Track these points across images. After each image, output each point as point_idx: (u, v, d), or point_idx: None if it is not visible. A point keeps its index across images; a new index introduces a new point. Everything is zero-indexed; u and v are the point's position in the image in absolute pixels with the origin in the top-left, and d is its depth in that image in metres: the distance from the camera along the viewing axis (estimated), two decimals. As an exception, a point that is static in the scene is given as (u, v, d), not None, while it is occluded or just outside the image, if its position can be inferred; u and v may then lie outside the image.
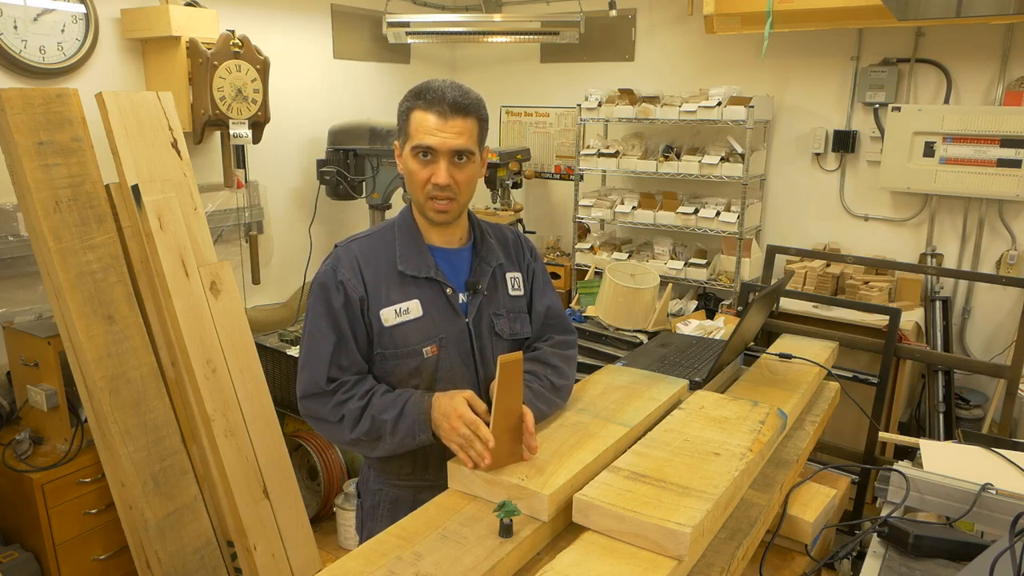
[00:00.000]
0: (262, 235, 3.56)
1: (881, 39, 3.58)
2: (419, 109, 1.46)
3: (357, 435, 1.47)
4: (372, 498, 1.66)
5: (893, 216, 3.73)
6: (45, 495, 2.43)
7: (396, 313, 1.51)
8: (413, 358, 1.52)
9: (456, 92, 1.46)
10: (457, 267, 1.59)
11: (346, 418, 1.47)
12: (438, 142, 1.44)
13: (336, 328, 1.50)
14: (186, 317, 2.50)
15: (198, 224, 2.65)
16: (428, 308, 1.53)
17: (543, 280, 1.74)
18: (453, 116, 1.44)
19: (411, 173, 1.49)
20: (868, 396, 2.48)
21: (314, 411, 1.51)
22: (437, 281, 1.54)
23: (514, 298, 1.64)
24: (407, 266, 1.53)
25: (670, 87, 4.10)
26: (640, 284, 3.20)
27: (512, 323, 1.63)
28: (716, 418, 1.60)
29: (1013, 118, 3.22)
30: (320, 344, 1.49)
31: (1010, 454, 1.64)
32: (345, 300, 1.50)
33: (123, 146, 2.48)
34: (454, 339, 1.55)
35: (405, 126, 1.49)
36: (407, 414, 1.44)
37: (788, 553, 1.63)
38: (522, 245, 1.72)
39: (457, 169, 1.47)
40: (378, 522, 1.62)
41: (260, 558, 2.61)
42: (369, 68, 4.26)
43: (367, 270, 1.52)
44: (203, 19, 3.02)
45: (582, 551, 1.20)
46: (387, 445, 1.47)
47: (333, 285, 1.51)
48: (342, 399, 1.48)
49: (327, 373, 1.49)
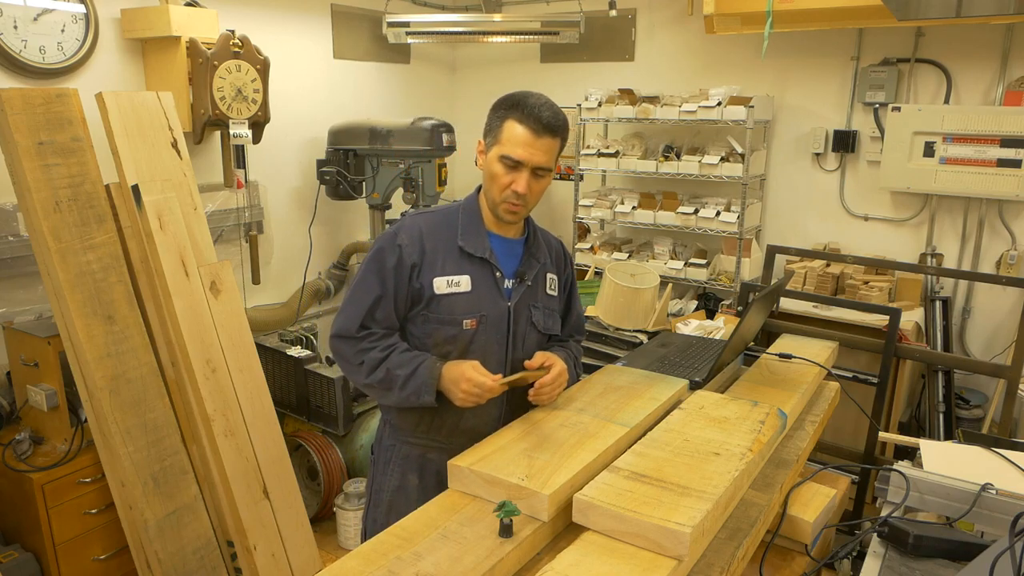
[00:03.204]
0: (262, 235, 3.56)
1: (881, 39, 3.58)
2: (514, 120, 1.59)
3: (371, 381, 1.63)
4: (385, 453, 1.78)
5: (893, 216, 3.73)
6: (45, 495, 2.43)
7: (448, 284, 1.64)
8: (453, 327, 1.65)
9: (550, 113, 1.59)
10: (509, 255, 1.73)
11: (365, 364, 1.63)
12: (527, 156, 1.58)
13: (382, 284, 1.64)
14: (186, 317, 2.50)
15: (198, 224, 2.65)
16: (477, 285, 1.66)
17: (576, 289, 1.93)
18: (544, 135, 1.59)
19: (494, 176, 1.62)
20: (868, 396, 2.48)
21: (340, 350, 1.67)
22: (489, 263, 1.68)
23: (550, 296, 1.79)
24: (466, 243, 1.67)
25: (670, 87, 4.10)
26: (640, 284, 3.20)
27: (546, 318, 1.77)
28: (716, 418, 1.60)
29: (1013, 118, 3.22)
30: (363, 295, 1.64)
31: (1010, 454, 1.64)
32: (398, 262, 1.64)
33: (123, 146, 2.48)
34: (494, 318, 1.67)
35: (497, 131, 1.62)
36: (418, 375, 1.59)
37: (788, 553, 1.63)
38: (564, 254, 1.88)
39: (535, 181, 1.62)
40: (388, 476, 1.76)
41: (260, 558, 2.61)
42: (369, 68, 4.26)
43: (428, 240, 1.66)
44: (203, 19, 3.02)
45: (582, 551, 1.20)
46: (394, 397, 1.62)
47: (390, 247, 1.65)
48: (367, 347, 1.63)
49: (360, 321, 1.64)
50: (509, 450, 1.45)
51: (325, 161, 3.76)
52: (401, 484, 1.74)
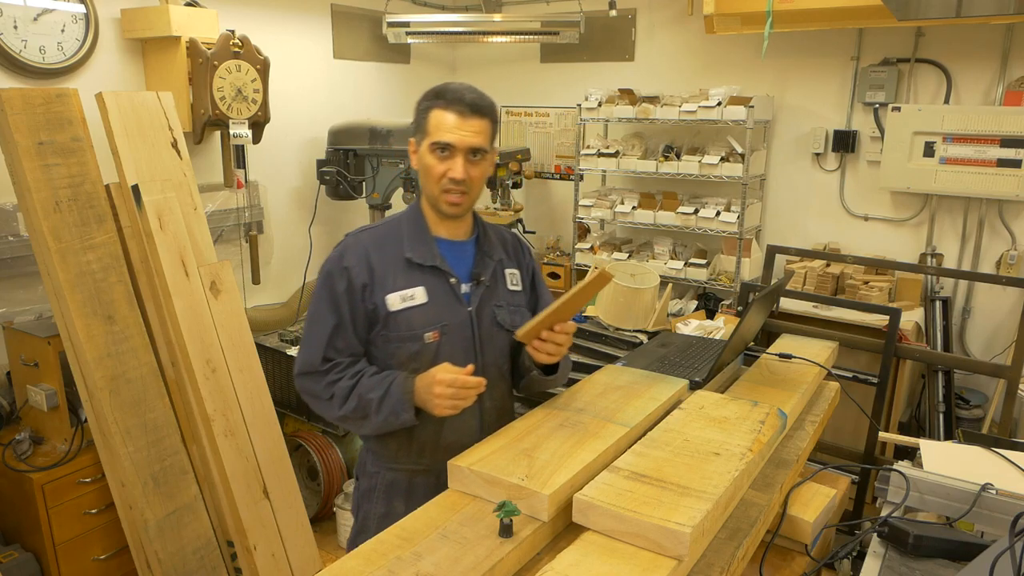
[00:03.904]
0: (262, 235, 3.56)
1: (881, 39, 3.58)
2: (439, 108, 1.56)
3: (345, 412, 1.58)
4: (369, 480, 1.72)
5: (893, 216, 3.73)
6: (45, 495, 2.43)
7: (402, 299, 1.59)
8: (415, 342, 1.60)
9: (474, 94, 1.57)
10: (461, 258, 1.68)
11: (336, 396, 1.58)
12: (457, 139, 1.54)
13: (336, 312, 1.59)
14: (186, 317, 2.50)
15: (198, 224, 2.65)
16: (433, 295, 1.61)
17: (542, 278, 1.85)
18: (471, 116, 1.55)
19: (428, 168, 1.58)
20: (868, 396, 2.48)
21: (308, 388, 1.63)
22: (442, 270, 1.62)
23: (513, 292, 1.73)
24: (414, 254, 1.61)
25: (670, 87, 4.10)
26: (640, 284, 3.20)
27: (512, 316, 1.70)
28: (716, 418, 1.60)
29: (1013, 118, 3.22)
30: (320, 326, 1.60)
31: (1010, 454, 1.64)
32: (348, 286, 1.59)
33: (123, 146, 2.48)
34: (457, 327, 1.62)
35: (424, 124, 1.58)
36: (392, 394, 1.54)
37: (788, 553, 1.63)
38: (520, 246, 1.82)
39: (472, 165, 1.57)
40: (373, 504, 1.70)
41: (260, 558, 2.61)
42: (369, 68, 4.26)
43: (375, 257, 1.61)
44: (203, 19, 3.02)
45: (582, 551, 1.20)
46: (372, 424, 1.57)
47: (338, 271, 1.60)
48: (334, 379, 1.59)
49: (323, 353, 1.59)
50: (509, 450, 1.45)
51: (325, 161, 3.76)
52: (388, 511, 1.68)
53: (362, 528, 1.72)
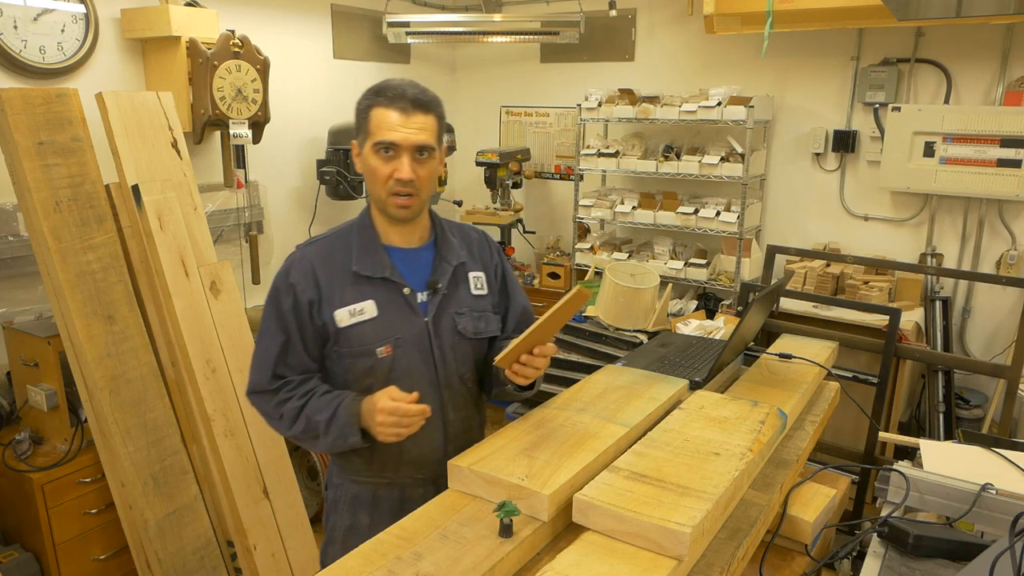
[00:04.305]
0: (262, 235, 3.56)
1: (881, 39, 3.58)
2: (380, 106, 1.48)
3: (295, 432, 1.54)
4: (335, 492, 1.68)
5: (893, 216, 3.73)
6: (45, 495, 2.43)
7: (350, 314, 1.52)
8: (367, 357, 1.53)
9: (416, 89, 1.49)
10: (417, 266, 1.59)
11: (285, 416, 1.53)
12: (401, 137, 1.46)
13: (285, 329, 1.54)
14: (186, 317, 2.50)
15: (198, 224, 2.65)
16: (384, 308, 1.54)
17: (513, 278, 1.76)
18: (415, 112, 1.47)
19: (373, 170, 1.50)
20: (868, 396, 2.48)
21: (258, 407, 1.58)
22: (393, 281, 1.55)
23: (477, 297, 1.64)
24: (361, 266, 1.54)
25: (670, 87, 4.10)
26: (640, 284, 3.20)
27: (476, 322, 1.63)
28: (716, 418, 1.60)
29: (1013, 118, 3.22)
30: (268, 344, 1.55)
31: (1010, 454, 1.64)
32: (294, 303, 1.53)
33: (123, 146, 2.48)
34: (412, 339, 1.55)
35: (365, 124, 1.50)
36: (338, 417, 1.48)
37: (788, 553, 1.63)
38: (488, 245, 1.72)
39: (419, 165, 1.49)
40: (340, 515, 1.65)
41: (260, 558, 2.61)
42: (369, 68, 4.26)
43: (321, 272, 1.54)
44: (203, 19, 3.02)
45: (582, 551, 1.20)
46: (322, 444, 1.52)
47: (284, 288, 1.55)
48: (284, 398, 1.54)
49: (272, 371, 1.54)
50: (509, 450, 1.45)
51: (325, 161, 3.76)
52: (352, 524, 1.63)
53: (330, 539, 1.68)
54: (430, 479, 1.61)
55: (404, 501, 1.60)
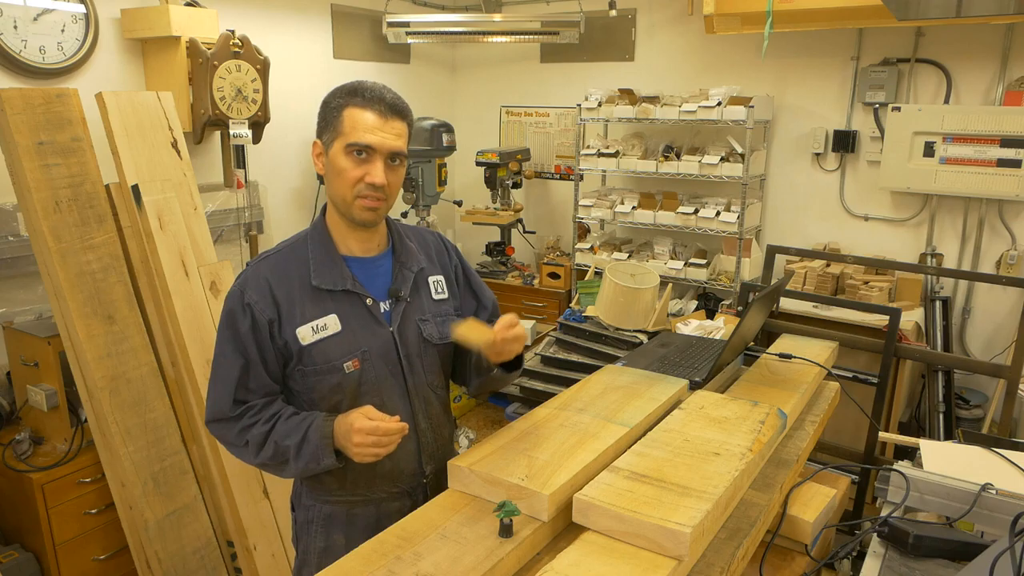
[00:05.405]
0: (262, 235, 3.56)
1: (881, 39, 3.59)
2: (355, 107, 1.44)
3: (262, 460, 1.46)
4: (305, 513, 1.60)
5: (893, 216, 3.73)
6: (45, 495, 2.43)
7: (313, 330, 1.45)
8: (334, 374, 1.46)
9: (392, 94, 1.46)
10: (376, 275, 1.54)
11: (250, 443, 1.46)
12: (378, 141, 1.42)
13: (243, 352, 1.45)
14: (186, 317, 2.50)
15: (198, 224, 2.65)
16: (347, 322, 1.47)
17: (475, 276, 1.73)
18: (392, 117, 1.44)
19: (341, 171, 1.43)
20: (868, 396, 2.48)
21: (220, 435, 1.50)
22: (355, 293, 1.49)
23: (438, 302, 1.60)
24: (322, 280, 1.47)
25: (670, 87, 4.10)
26: (640, 284, 3.20)
27: (440, 327, 1.58)
28: (716, 418, 1.60)
29: (1013, 118, 3.22)
30: (226, 369, 1.46)
31: (1010, 454, 1.64)
32: (252, 324, 1.45)
33: (123, 146, 2.48)
34: (378, 350, 1.49)
35: (336, 124, 1.45)
36: (310, 439, 1.41)
37: (788, 553, 1.63)
38: (444, 247, 1.68)
39: (390, 171, 1.45)
40: (312, 537, 1.58)
41: (260, 558, 2.61)
42: (369, 68, 4.26)
43: (279, 289, 1.46)
44: (203, 19, 3.02)
45: (582, 551, 1.20)
46: (292, 469, 1.45)
47: (240, 308, 1.45)
48: (248, 424, 1.46)
49: (233, 397, 1.46)
50: (509, 450, 1.45)
51: (325, 161, 3.75)
52: (327, 546, 1.56)
53: (304, 562, 1.61)
54: (406, 492, 1.57)
55: (380, 517, 1.54)
